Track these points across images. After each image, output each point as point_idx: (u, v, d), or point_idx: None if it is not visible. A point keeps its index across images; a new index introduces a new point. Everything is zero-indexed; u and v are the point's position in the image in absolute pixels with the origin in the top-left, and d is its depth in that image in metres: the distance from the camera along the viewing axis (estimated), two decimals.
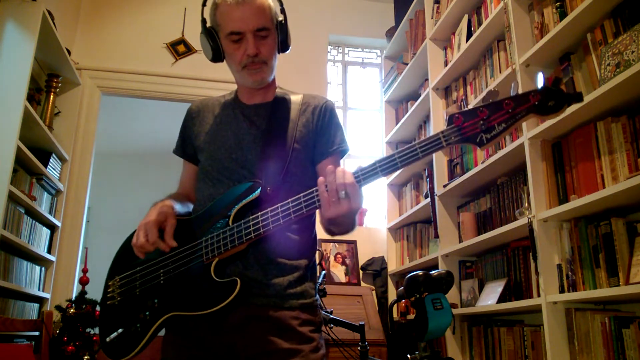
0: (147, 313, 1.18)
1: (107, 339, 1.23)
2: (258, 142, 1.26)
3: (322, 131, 1.31)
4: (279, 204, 1.08)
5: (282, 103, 1.33)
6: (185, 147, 1.41)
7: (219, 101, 1.40)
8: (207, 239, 1.16)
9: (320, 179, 1.03)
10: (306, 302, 1.21)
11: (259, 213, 1.10)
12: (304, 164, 1.28)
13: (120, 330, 1.22)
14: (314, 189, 1.06)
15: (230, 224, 1.14)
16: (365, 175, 1.03)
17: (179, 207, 1.27)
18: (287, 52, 1.34)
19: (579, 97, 0.92)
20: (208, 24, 1.29)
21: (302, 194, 1.07)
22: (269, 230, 1.09)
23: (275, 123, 1.28)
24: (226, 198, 1.19)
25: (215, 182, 1.26)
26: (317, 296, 1.27)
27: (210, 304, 1.11)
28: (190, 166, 1.42)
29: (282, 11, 1.31)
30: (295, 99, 1.34)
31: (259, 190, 1.15)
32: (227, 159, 1.27)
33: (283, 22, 1.30)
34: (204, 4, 1.32)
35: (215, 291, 1.11)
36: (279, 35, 1.30)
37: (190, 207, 1.35)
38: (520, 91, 0.96)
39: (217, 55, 1.29)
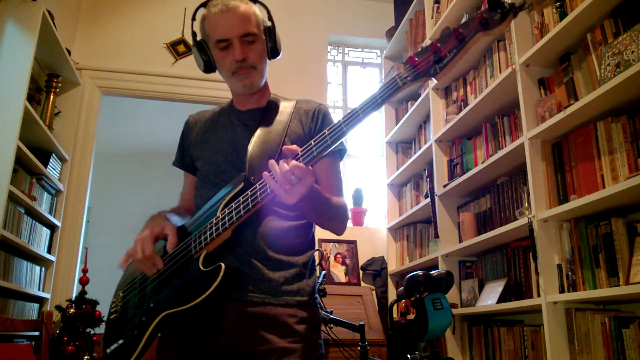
0: (144, 318, 1.19)
1: (107, 351, 1.23)
2: (251, 143, 1.27)
3: (316, 134, 1.31)
4: (257, 184, 1.09)
5: (274, 106, 1.36)
6: (184, 158, 1.43)
7: (215, 111, 1.43)
8: (196, 234, 1.16)
9: (265, 173, 1.04)
10: (303, 299, 1.20)
11: (240, 197, 1.11)
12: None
13: (120, 341, 1.22)
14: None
15: (217, 215, 1.15)
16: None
17: (176, 219, 1.28)
18: (278, 57, 1.37)
19: (522, 4, 0.92)
20: (199, 37, 1.33)
21: None
22: (249, 210, 1.09)
23: (267, 124, 1.30)
24: (217, 196, 1.20)
25: (212, 186, 1.27)
26: (316, 295, 1.27)
27: (197, 294, 1.10)
28: (190, 178, 1.43)
29: (270, 18, 1.34)
30: (288, 103, 1.37)
31: (243, 181, 1.15)
32: (224, 163, 1.28)
33: (271, 28, 1.33)
34: (193, 19, 1.35)
35: (201, 281, 1.11)
36: (268, 42, 1.32)
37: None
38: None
39: (208, 66, 1.33)
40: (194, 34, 1.34)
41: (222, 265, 1.09)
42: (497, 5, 0.90)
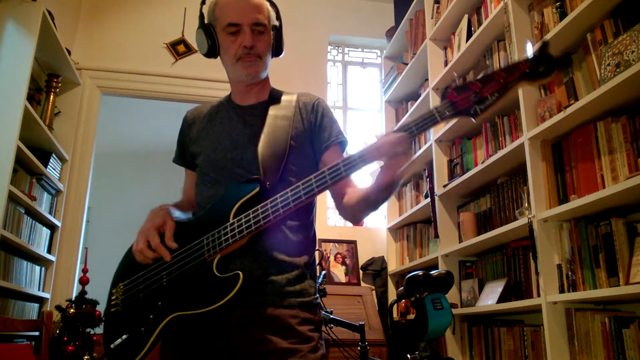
0: (151, 316, 1.18)
1: (112, 346, 1.22)
2: (253, 142, 1.26)
3: (318, 127, 1.32)
4: (277, 195, 1.10)
5: (275, 102, 1.35)
6: (184, 154, 1.42)
7: (214, 105, 1.42)
8: (209, 237, 1.16)
9: (373, 145, 1.05)
10: (305, 300, 1.20)
11: (259, 206, 1.12)
12: (302, 160, 1.29)
13: (124, 337, 1.21)
14: (312, 175, 1.09)
15: (230, 220, 1.14)
16: (351, 164, 1.06)
17: (178, 213, 1.28)
18: (280, 56, 1.37)
19: (567, 61, 0.94)
20: (205, 20, 1.33)
21: (300, 182, 1.10)
22: (269, 221, 1.10)
23: (270, 122, 1.29)
24: (226, 197, 1.20)
25: (214, 184, 1.27)
26: (317, 295, 1.27)
27: (213, 300, 1.10)
28: (191, 174, 1.42)
29: (278, 18, 1.35)
30: (289, 97, 1.36)
31: (259, 186, 1.16)
32: (223, 160, 1.28)
33: (278, 27, 1.34)
34: (203, 2, 1.35)
35: (217, 287, 1.11)
36: (274, 39, 1.33)
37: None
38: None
39: (212, 50, 1.31)
40: (201, 16, 1.33)
41: (240, 274, 1.09)
42: (542, 60, 0.91)
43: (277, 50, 1.35)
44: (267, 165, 1.21)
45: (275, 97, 1.36)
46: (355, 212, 1.28)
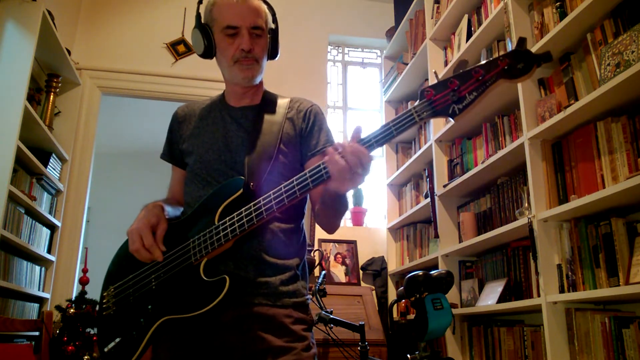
0: (142, 320, 1.19)
1: (105, 349, 1.23)
2: (245, 144, 1.27)
3: (307, 133, 1.32)
4: (260, 198, 1.10)
5: (269, 106, 1.35)
6: (173, 151, 1.42)
7: (205, 104, 1.41)
8: (195, 240, 1.16)
9: (329, 157, 1.01)
10: (298, 300, 1.22)
11: (242, 209, 1.11)
12: (291, 164, 1.29)
13: (117, 340, 1.22)
14: (294, 178, 1.07)
15: (215, 222, 1.15)
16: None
17: (170, 210, 1.28)
18: (275, 59, 1.38)
19: (547, 57, 0.91)
20: (202, 20, 1.32)
21: (282, 185, 1.08)
22: (253, 225, 1.10)
23: (262, 125, 1.29)
24: (212, 198, 1.20)
25: (205, 184, 1.27)
26: (309, 295, 1.29)
27: (200, 304, 1.11)
28: (179, 171, 1.42)
29: (275, 21, 1.35)
30: (282, 102, 1.36)
31: (242, 187, 1.16)
32: (216, 161, 1.28)
33: (275, 30, 1.35)
34: (200, 2, 1.35)
35: (205, 291, 1.12)
36: (269, 42, 1.33)
37: (181, 210, 1.36)
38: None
39: (208, 51, 1.31)
40: (198, 16, 1.32)
41: (227, 278, 1.10)
42: (521, 56, 0.90)
43: (272, 54, 1.36)
44: (254, 167, 1.21)
45: (268, 101, 1.36)
46: (320, 219, 1.28)
